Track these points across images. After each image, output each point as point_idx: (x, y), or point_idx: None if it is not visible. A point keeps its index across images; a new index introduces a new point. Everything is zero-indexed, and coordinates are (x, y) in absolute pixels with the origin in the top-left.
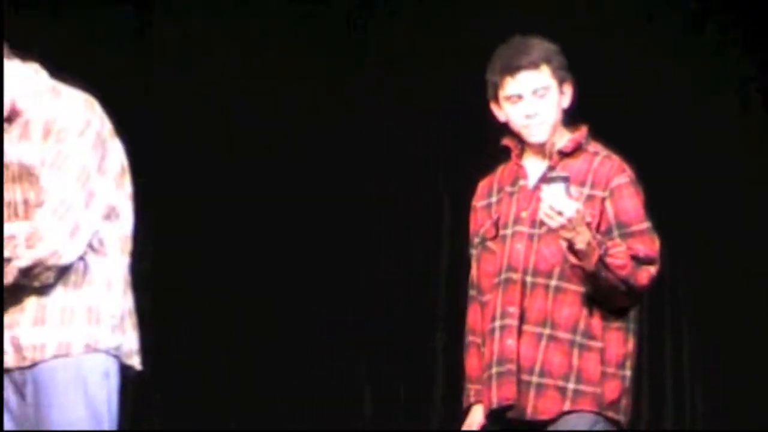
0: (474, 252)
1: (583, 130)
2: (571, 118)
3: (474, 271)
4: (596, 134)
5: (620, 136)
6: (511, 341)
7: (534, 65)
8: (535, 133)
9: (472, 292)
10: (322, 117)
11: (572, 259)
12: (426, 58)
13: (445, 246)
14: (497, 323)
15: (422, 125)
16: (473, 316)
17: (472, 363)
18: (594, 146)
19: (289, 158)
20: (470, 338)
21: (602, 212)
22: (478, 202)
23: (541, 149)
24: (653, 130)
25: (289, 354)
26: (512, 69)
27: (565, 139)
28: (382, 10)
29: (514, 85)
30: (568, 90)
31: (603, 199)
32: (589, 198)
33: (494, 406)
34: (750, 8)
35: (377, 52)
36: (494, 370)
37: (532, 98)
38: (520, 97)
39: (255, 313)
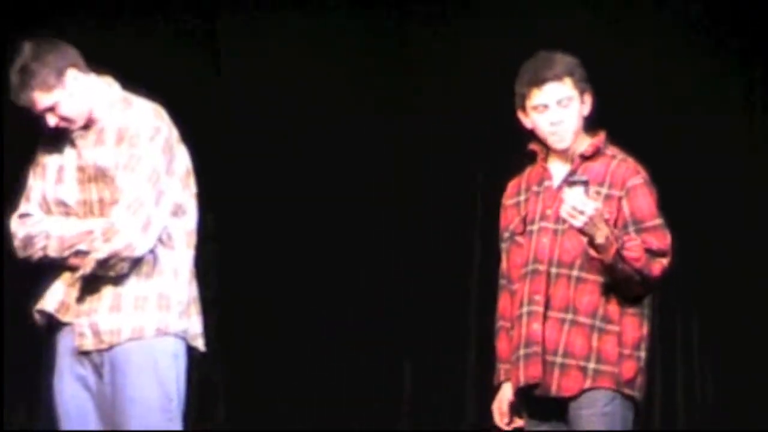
0: (504, 246)
1: (601, 136)
2: (590, 124)
3: (504, 263)
4: (613, 139)
5: (633, 139)
6: (537, 325)
7: (558, 77)
8: (560, 140)
9: (503, 282)
10: (370, 119)
11: (592, 253)
12: (466, 66)
13: (478, 240)
14: (525, 309)
15: (462, 131)
16: (503, 303)
17: (502, 345)
18: (611, 150)
19: (340, 157)
20: (500, 323)
21: (619, 210)
22: (507, 201)
23: (564, 153)
24: (664, 133)
25: (338, 336)
26: (538, 81)
27: (585, 143)
28: (426, 17)
29: (540, 95)
30: (588, 99)
31: (620, 198)
32: (607, 197)
33: (522, 384)
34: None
35: (422, 57)
36: (522, 351)
37: (557, 108)
38: (546, 106)
39: (309, 300)
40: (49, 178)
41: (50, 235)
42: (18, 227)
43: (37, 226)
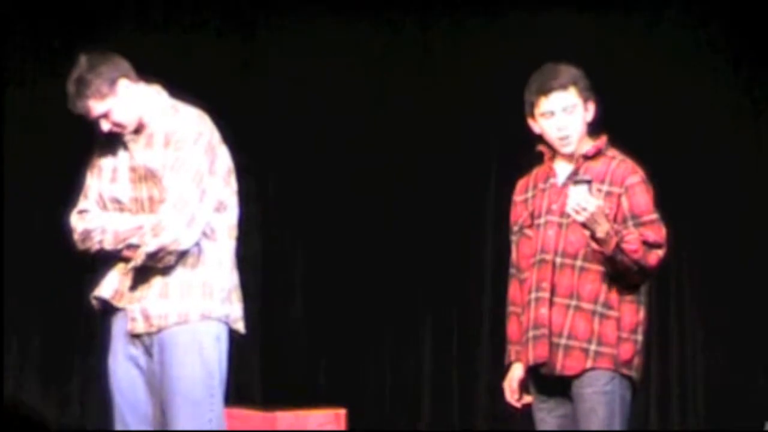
0: (514, 238)
1: (603, 139)
2: (593, 128)
3: (514, 254)
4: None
5: (634, 141)
6: (544, 310)
7: (563, 87)
8: (566, 144)
9: (512, 271)
10: (393, 118)
11: (594, 246)
12: (483, 71)
13: (490, 232)
14: (533, 295)
15: (477, 133)
16: (513, 290)
17: (512, 328)
18: (612, 152)
19: (363, 155)
20: (511, 308)
21: (618, 206)
22: (517, 197)
23: (569, 154)
24: (664, 135)
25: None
26: (545, 90)
27: (588, 145)
28: (448, 25)
29: (547, 103)
30: (591, 107)
31: (619, 195)
32: (608, 194)
33: (531, 363)
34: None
35: (443, 62)
36: (531, 333)
37: (563, 114)
38: (552, 113)
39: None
40: (105, 177)
41: (106, 229)
42: (77, 222)
43: (94, 222)
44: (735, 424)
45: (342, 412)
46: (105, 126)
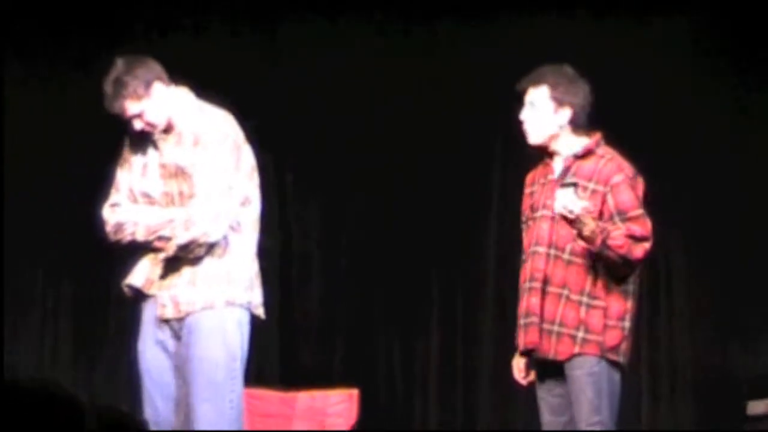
0: (523, 227)
1: (595, 137)
2: (596, 125)
3: (524, 241)
4: (617, 138)
5: (632, 139)
6: (535, 299)
7: (534, 84)
8: (528, 135)
9: (524, 257)
10: (403, 115)
11: (581, 243)
12: (483, 71)
13: (493, 221)
14: (527, 285)
15: (479, 129)
16: (523, 273)
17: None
18: (603, 149)
19: (374, 154)
20: (521, 290)
21: (604, 203)
22: (526, 190)
23: (561, 152)
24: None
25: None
26: (522, 85)
27: (579, 145)
28: (455, 26)
29: (525, 97)
30: (566, 111)
31: (604, 194)
32: (593, 192)
33: (522, 348)
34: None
35: (447, 60)
36: (523, 320)
37: (528, 107)
38: (524, 105)
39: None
40: (135, 172)
41: (138, 222)
42: (110, 215)
43: (126, 215)
44: (719, 399)
45: (355, 392)
46: (138, 125)
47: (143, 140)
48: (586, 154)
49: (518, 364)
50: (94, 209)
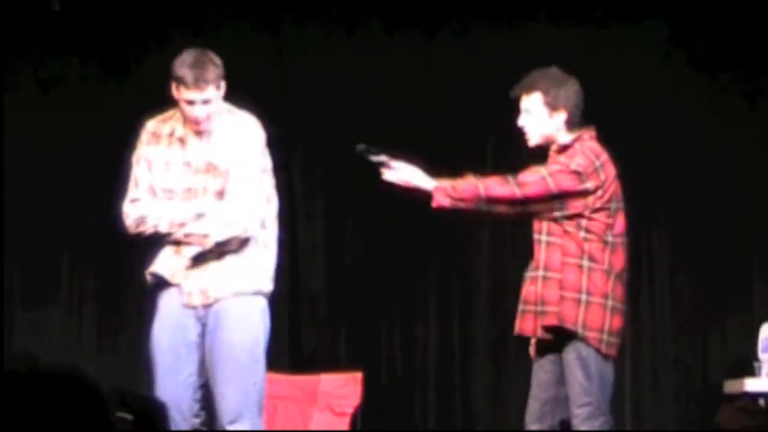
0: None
1: (580, 134)
2: (596, 125)
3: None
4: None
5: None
6: (533, 288)
7: (527, 90)
8: (527, 138)
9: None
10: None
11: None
12: (484, 71)
13: (485, 220)
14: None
15: (474, 122)
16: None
17: None
18: (582, 145)
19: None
20: None
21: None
22: None
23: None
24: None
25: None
26: (516, 90)
27: (563, 141)
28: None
29: (521, 102)
30: (560, 114)
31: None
32: None
33: (516, 333)
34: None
35: (448, 62)
36: (520, 307)
37: (524, 114)
38: (520, 111)
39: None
40: (156, 169)
41: (162, 215)
42: (130, 209)
43: (147, 209)
44: (695, 380)
45: (359, 374)
46: (203, 112)
47: (161, 138)
48: (565, 149)
49: (533, 345)
50: (116, 201)
